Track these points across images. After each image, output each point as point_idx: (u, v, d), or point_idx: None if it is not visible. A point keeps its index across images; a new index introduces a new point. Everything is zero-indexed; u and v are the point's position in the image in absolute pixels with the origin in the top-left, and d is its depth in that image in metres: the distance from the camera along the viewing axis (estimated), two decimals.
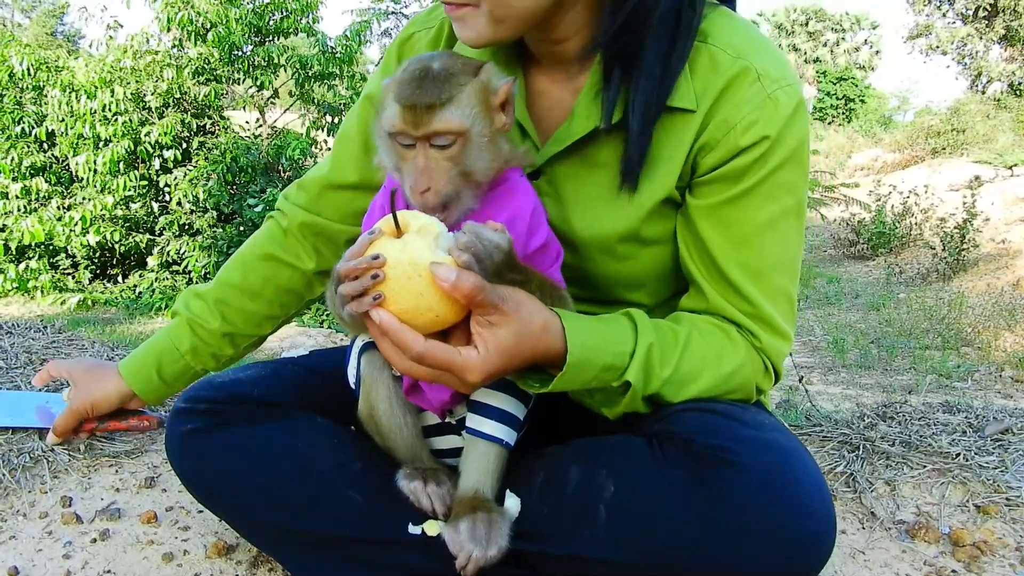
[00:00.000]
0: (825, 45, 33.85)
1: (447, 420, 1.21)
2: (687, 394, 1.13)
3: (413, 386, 1.16)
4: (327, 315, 7.61)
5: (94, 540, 1.47)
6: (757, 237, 1.16)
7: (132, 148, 9.23)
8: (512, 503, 1.14)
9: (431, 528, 1.17)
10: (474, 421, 1.15)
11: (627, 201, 1.19)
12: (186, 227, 9.64)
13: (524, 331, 1.00)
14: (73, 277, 9.79)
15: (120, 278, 10.17)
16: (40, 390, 2.03)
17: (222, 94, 9.98)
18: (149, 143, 9.26)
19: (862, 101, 29.82)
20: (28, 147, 9.55)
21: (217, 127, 10.14)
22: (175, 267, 9.52)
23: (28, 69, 9.47)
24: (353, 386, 1.24)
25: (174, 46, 9.76)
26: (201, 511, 1.59)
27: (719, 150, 1.14)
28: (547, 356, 1.04)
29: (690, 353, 1.13)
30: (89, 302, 8.91)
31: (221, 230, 9.45)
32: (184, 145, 9.72)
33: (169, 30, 9.52)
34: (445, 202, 1.04)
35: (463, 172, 1.04)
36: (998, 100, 21.75)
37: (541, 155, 1.22)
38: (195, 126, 9.78)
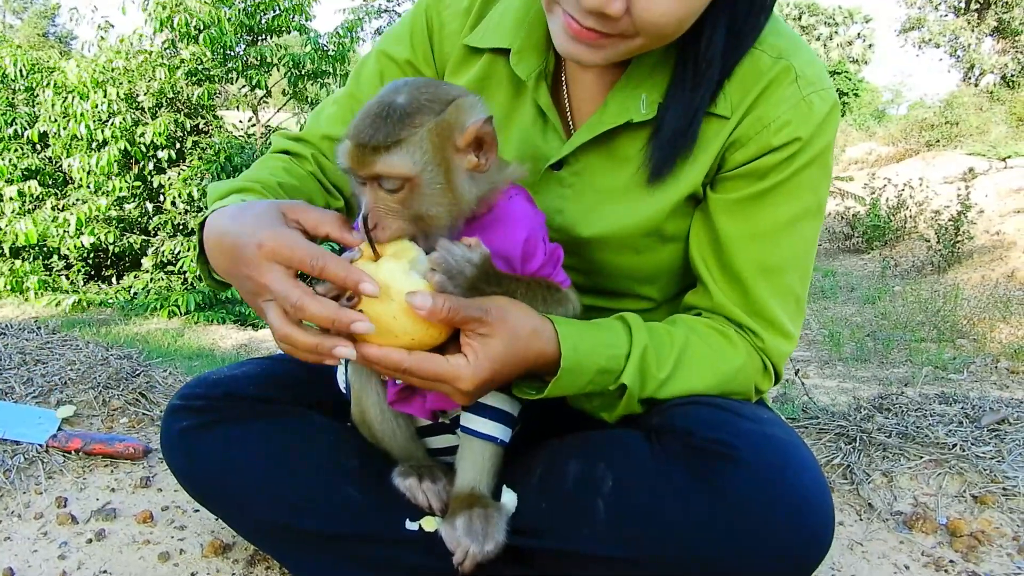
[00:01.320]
0: (818, 39, 33.90)
1: (440, 420, 1.21)
2: (684, 395, 1.13)
3: (399, 396, 1.15)
4: None
5: (90, 540, 1.47)
6: (775, 234, 1.16)
7: (126, 148, 9.19)
8: (509, 498, 1.13)
9: (428, 524, 1.16)
10: (468, 420, 1.15)
11: (651, 196, 1.19)
12: (180, 227, 9.61)
13: (513, 337, 1.00)
14: (67, 278, 9.75)
15: (115, 279, 10.14)
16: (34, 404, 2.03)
17: (215, 94, 9.95)
18: (143, 143, 9.22)
19: (856, 95, 29.85)
20: (21, 149, 9.52)
21: (211, 127, 10.10)
22: (170, 267, 9.49)
23: (20, 70, 9.43)
24: (344, 390, 1.23)
25: (167, 47, 9.71)
26: (197, 510, 1.58)
27: (750, 147, 1.14)
28: (540, 361, 1.04)
29: (688, 355, 1.13)
30: (84, 303, 8.87)
31: None
32: (178, 145, 9.68)
33: (161, 31, 9.47)
34: (400, 238, 1.00)
35: (415, 216, 1.00)
36: (991, 92, 21.79)
37: (569, 144, 1.21)
38: (189, 126, 9.75)
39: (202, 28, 9.37)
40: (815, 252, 1.23)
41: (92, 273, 10.21)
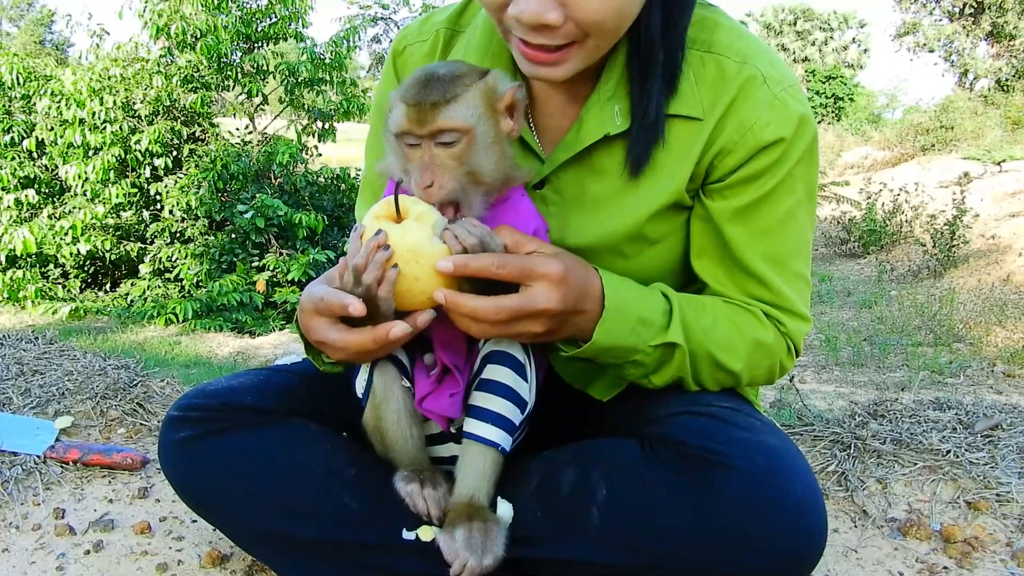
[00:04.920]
0: (814, 44, 34.00)
1: (450, 429, 1.22)
2: (723, 356, 1.18)
3: (428, 392, 1.17)
4: None
5: (87, 552, 1.47)
6: (778, 228, 1.21)
7: (122, 156, 9.19)
8: (504, 510, 1.14)
9: (425, 533, 1.17)
10: (471, 425, 1.15)
11: (633, 201, 1.21)
12: (177, 235, 9.61)
13: (578, 259, 1.09)
14: (64, 286, 9.74)
15: (111, 287, 10.12)
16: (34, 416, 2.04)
17: (211, 101, 9.95)
18: (139, 151, 9.22)
19: (851, 99, 29.93)
20: (18, 157, 9.51)
21: (207, 134, 10.10)
22: (167, 275, 9.48)
23: (17, 78, 9.43)
24: (360, 395, 1.24)
25: (163, 55, 9.72)
26: (195, 521, 1.59)
27: (739, 151, 1.17)
28: (589, 301, 1.08)
29: (721, 318, 1.19)
30: (81, 311, 8.87)
31: (213, 237, 9.42)
32: (174, 153, 9.68)
33: (157, 39, 9.48)
34: (451, 199, 1.07)
35: (468, 172, 1.06)
36: (985, 97, 21.86)
37: (549, 163, 1.24)
38: (185, 134, 9.75)
39: (199, 36, 9.38)
40: (813, 232, 1.29)
41: (89, 281, 10.20)
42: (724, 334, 1.19)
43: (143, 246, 9.71)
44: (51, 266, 9.77)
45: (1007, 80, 23.25)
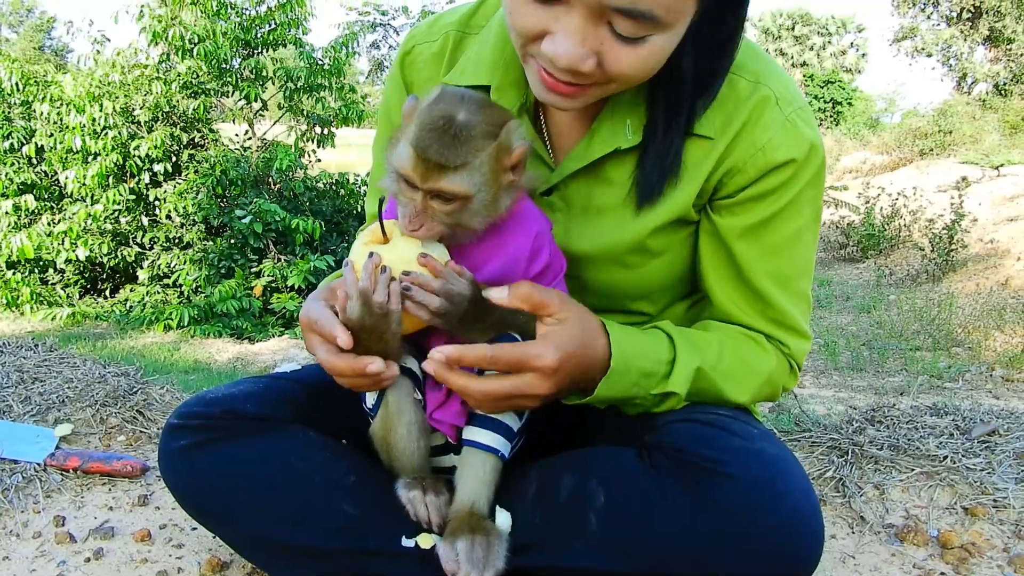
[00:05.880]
0: (812, 49, 34.04)
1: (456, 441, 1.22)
2: (729, 389, 1.21)
3: (438, 404, 1.19)
4: None
5: (88, 559, 1.47)
6: (786, 248, 1.23)
7: (121, 162, 9.20)
8: (503, 519, 1.15)
9: (425, 541, 1.18)
10: (471, 432, 1.16)
11: (639, 216, 1.23)
12: (176, 240, 9.61)
13: (584, 327, 1.09)
14: (63, 289, 9.75)
15: (110, 292, 10.12)
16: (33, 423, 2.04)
17: (211, 107, 9.96)
18: (139, 157, 9.23)
19: (849, 104, 29.97)
20: (17, 163, 9.52)
21: (206, 140, 10.11)
22: (165, 280, 9.48)
23: (16, 84, 9.44)
24: (369, 408, 1.24)
25: (162, 61, 9.73)
26: (195, 528, 1.59)
27: (749, 170, 1.19)
28: (596, 360, 1.10)
29: (727, 353, 1.21)
30: (80, 317, 8.87)
31: (211, 243, 9.42)
32: (174, 159, 9.69)
33: (156, 44, 9.49)
34: (438, 239, 1.09)
35: (457, 224, 1.07)
36: (983, 101, 21.90)
37: (558, 172, 1.25)
38: (184, 139, 9.77)
39: (197, 41, 9.39)
40: (815, 252, 1.32)
41: (88, 287, 10.20)
42: (730, 368, 1.21)
43: (142, 251, 9.72)
44: (50, 272, 9.77)
45: (1005, 84, 23.29)
